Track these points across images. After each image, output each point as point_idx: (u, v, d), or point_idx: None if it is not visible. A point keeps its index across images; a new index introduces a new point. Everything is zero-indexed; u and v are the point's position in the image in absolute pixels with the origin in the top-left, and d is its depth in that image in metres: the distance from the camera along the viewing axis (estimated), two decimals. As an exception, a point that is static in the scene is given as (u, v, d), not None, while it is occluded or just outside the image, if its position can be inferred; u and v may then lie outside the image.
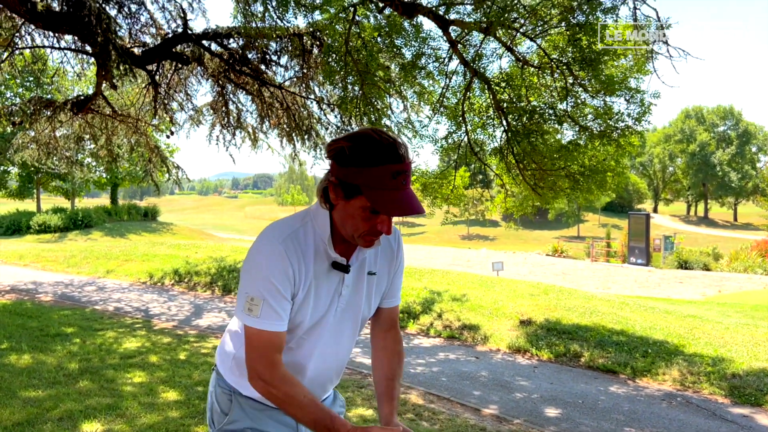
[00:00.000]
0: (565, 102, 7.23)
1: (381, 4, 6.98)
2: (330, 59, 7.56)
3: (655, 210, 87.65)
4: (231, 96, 11.86)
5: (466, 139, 7.66)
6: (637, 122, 6.75)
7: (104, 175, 33.31)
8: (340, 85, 7.86)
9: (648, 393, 6.18)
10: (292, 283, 1.55)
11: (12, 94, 30.70)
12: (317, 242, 1.60)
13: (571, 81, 6.87)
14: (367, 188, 1.46)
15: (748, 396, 5.99)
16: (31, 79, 29.64)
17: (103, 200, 67.92)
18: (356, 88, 7.71)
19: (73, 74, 16.30)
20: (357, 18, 7.27)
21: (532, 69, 7.35)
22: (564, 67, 6.83)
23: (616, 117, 6.92)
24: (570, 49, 6.78)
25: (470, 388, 6.08)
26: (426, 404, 5.38)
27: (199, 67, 10.86)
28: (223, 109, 11.78)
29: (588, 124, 7.04)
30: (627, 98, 6.92)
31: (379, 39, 7.50)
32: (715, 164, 77.92)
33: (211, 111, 12.33)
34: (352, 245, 1.65)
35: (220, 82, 11.17)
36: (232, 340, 1.77)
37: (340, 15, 7.22)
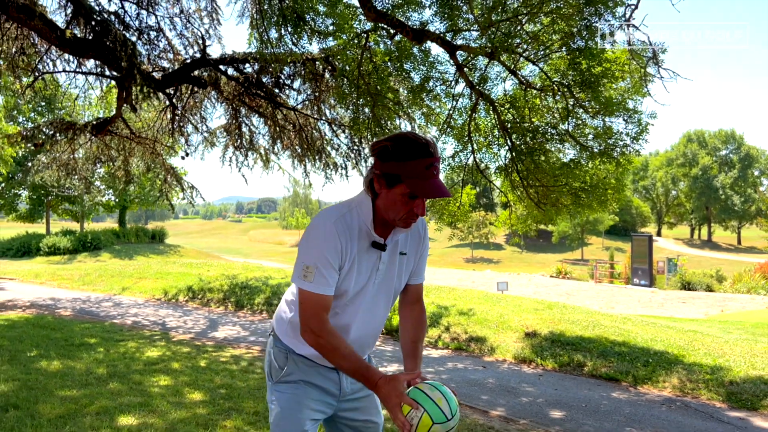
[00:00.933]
0: (566, 122, 7.62)
1: (392, 31, 7.41)
2: (342, 83, 7.98)
3: (658, 233, 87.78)
4: (244, 119, 12.32)
5: (472, 158, 8.04)
6: (635, 141, 7.12)
7: (113, 199, 33.80)
8: (352, 107, 8.27)
9: (648, 398, 6.45)
10: (340, 256, 1.91)
11: (24, 118, 31.35)
12: (360, 225, 1.97)
13: (572, 102, 7.26)
14: (407, 177, 1.85)
15: (744, 401, 6.25)
16: (43, 103, 30.33)
17: (108, 224, 68.48)
18: (367, 110, 8.12)
19: (85, 99, 16.85)
20: (369, 44, 7.70)
21: (535, 91, 7.76)
22: (565, 89, 7.22)
23: (615, 136, 7.30)
24: (570, 72, 7.18)
25: (478, 393, 6.36)
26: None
27: (213, 91, 11.32)
28: (237, 131, 12.22)
29: (588, 143, 7.41)
30: (625, 119, 7.30)
31: (389, 63, 7.92)
32: (717, 188, 78.27)
33: (225, 133, 12.80)
34: (389, 229, 2.01)
35: (235, 105, 11.61)
36: (288, 307, 2.12)
37: (353, 41, 7.66)
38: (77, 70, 10.45)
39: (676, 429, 5.38)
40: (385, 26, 7.41)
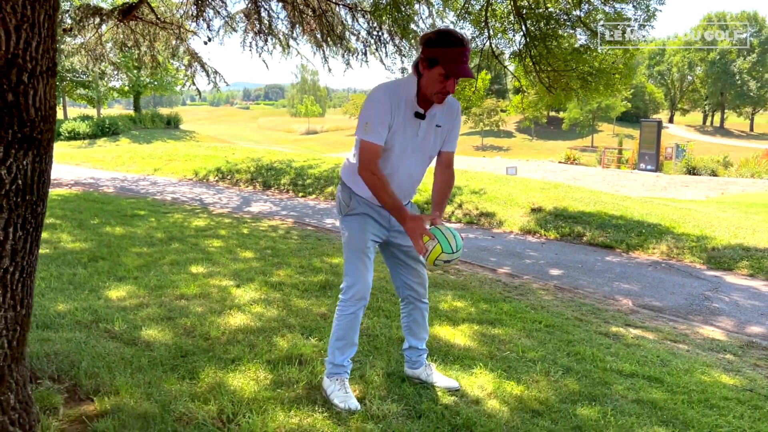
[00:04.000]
0: (579, 8, 7.99)
1: None
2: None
3: (671, 120, 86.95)
4: (263, 3, 12.53)
5: (488, 44, 8.48)
6: (642, 27, 7.54)
7: (126, 84, 34.03)
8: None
9: (638, 262, 7.35)
10: (390, 117, 2.62)
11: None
12: (407, 97, 2.66)
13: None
14: (444, 60, 2.52)
15: (722, 263, 7.14)
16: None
17: (117, 110, 68.38)
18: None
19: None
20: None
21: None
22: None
23: (624, 22, 7.70)
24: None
25: (487, 256, 7.27)
26: (451, 266, 6.58)
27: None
28: (256, 15, 12.47)
29: (598, 29, 7.82)
30: (634, 5, 7.66)
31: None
32: (734, 72, 76.60)
33: (245, 18, 13.05)
34: (429, 104, 2.69)
35: (253, -11, 11.80)
36: (353, 158, 2.86)
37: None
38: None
39: (659, 283, 6.29)
40: None
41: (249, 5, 12.44)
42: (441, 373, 3.13)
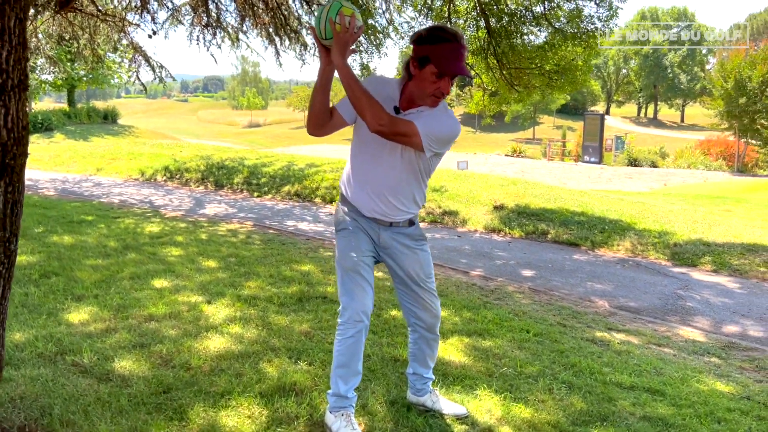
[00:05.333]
0: (540, 4, 7.93)
1: None
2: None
3: (607, 112, 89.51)
4: (210, -6, 12.01)
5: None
6: (605, 25, 7.54)
7: (59, 77, 32.32)
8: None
9: (605, 259, 7.38)
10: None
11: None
12: (390, 91, 2.50)
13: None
14: (436, 58, 2.33)
15: (686, 259, 7.24)
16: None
17: (47, 104, 65.19)
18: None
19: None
20: None
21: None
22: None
23: (587, 20, 7.69)
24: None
25: (457, 257, 7.15)
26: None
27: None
28: (203, 7, 11.96)
29: (562, 27, 7.78)
30: (597, 2, 7.66)
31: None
32: (666, 66, 79.57)
33: (191, 10, 12.50)
34: (411, 105, 2.48)
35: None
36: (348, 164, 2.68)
37: None
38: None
39: (630, 282, 6.31)
40: None
41: (196, -3, 11.92)
42: (446, 398, 2.95)
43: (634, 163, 28.21)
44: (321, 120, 2.50)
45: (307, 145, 46.74)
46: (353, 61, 15.24)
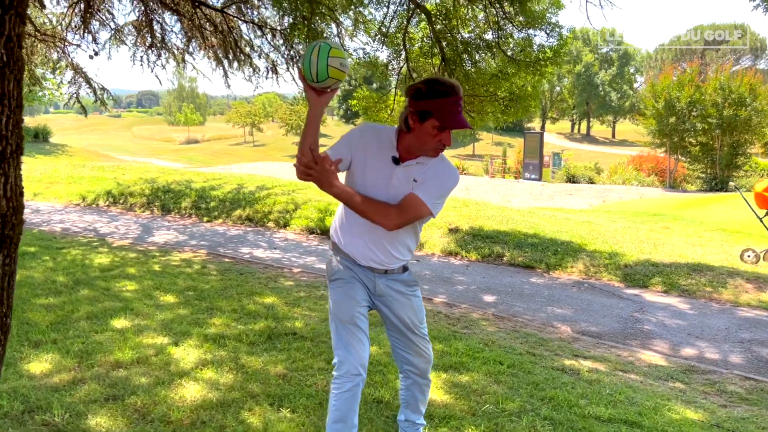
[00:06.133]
0: (492, 33, 8.12)
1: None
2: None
3: (542, 128, 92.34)
4: (156, 16, 11.74)
5: (405, 66, 8.41)
6: (556, 54, 7.78)
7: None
8: (288, 9, 8.26)
9: (561, 282, 7.55)
10: (358, 141, 2.49)
11: None
12: (389, 138, 2.49)
13: (502, 14, 7.74)
14: (437, 112, 2.33)
15: (637, 281, 7.49)
16: None
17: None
18: (303, 13, 8.17)
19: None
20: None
21: (464, 1, 8.12)
22: (495, 2, 7.66)
23: (539, 49, 7.91)
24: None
25: (420, 283, 7.15)
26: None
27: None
28: (147, 28, 11.66)
29: (514, 56, 7.98)
30: (547, 32, 7.90)
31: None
32: (598, 84, 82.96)
33: (135, 31, 12.16)
34: (410, 156, 2.46)
35: (144, 0, 11.03)
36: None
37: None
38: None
39: (588, 306, 6.47)
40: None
41: (140, 17, 11.62)
42: (437, 444, 2.93)
43: (572, 179, 29.12)
44: None
45: (249, 162, 46.12)
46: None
